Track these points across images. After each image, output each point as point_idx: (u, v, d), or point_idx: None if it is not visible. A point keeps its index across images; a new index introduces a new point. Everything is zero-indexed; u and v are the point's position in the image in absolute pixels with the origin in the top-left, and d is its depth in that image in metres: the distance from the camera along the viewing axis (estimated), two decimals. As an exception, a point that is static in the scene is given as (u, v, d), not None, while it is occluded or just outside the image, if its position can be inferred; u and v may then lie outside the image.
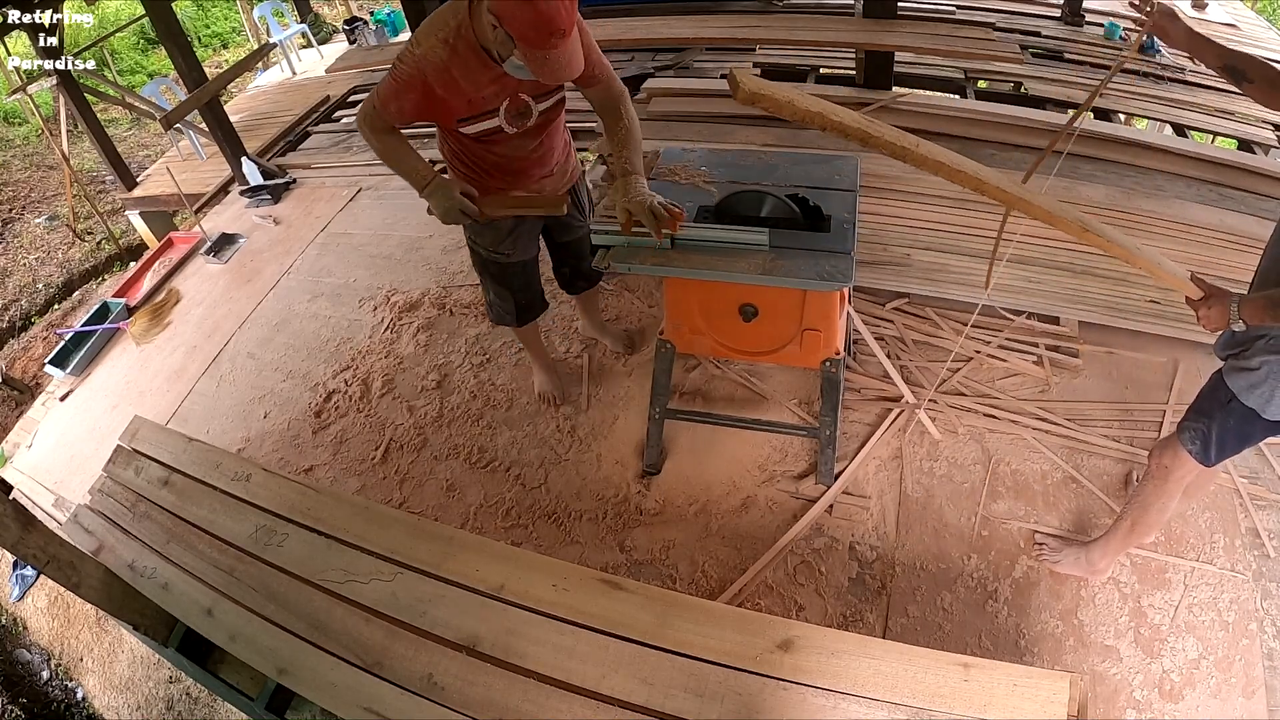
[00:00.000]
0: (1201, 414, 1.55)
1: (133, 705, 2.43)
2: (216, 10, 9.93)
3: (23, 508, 1.80)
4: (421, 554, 1.86)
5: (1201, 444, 1.56)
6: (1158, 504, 1.70)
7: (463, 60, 1.57)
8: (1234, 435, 1.52)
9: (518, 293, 2.24)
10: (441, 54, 1.56)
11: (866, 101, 3.73)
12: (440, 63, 1.56)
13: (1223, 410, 1.49)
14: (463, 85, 1.60)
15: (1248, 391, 1.44)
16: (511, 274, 2.17)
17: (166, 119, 4.09)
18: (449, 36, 1.55)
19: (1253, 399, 1.43)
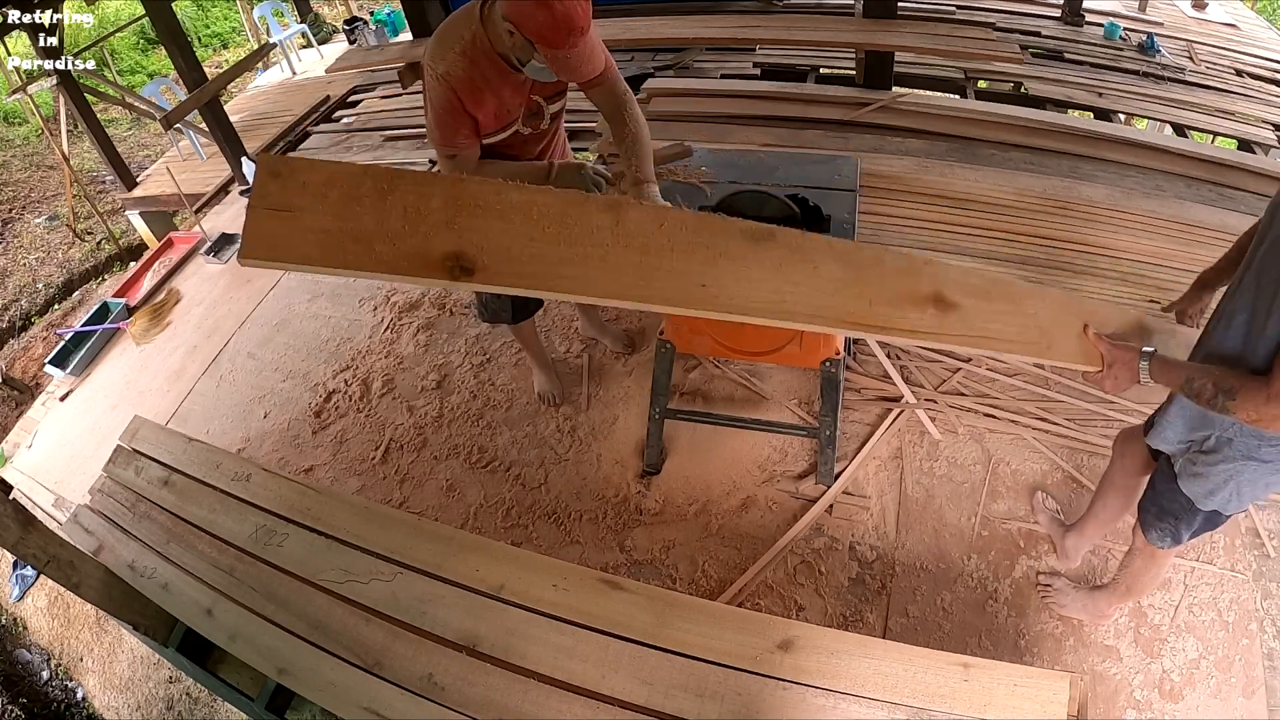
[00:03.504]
0: (1166, 514, 1.47)
1: (133, 705, 2.43)
2: (216, 10, 9.93)
3: (23, 508, 1.80)
4: (421, 554, 1.86)
5: (1173, 539, 1.49)
6: (1149, 573, 1.66)
7: (483, 71, 1.56)
8: (1204, 527, 1.45)
9: None
10: (463, 67, 1.55)
11: (866, 101, 3.73)
12: (465, 76, 1.55)
13: (1188, 513, 1.42)
14: (487, 97, 1.60)
15: (1206, 499, 1.36)
16: None
17: (166, 119, 4.10)
18: (465, 49, 1.54)
19: (1212, 504, 1.36)
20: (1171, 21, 5.05)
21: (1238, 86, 4.26)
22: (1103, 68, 4.38)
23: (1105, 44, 4.68)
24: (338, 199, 0.86)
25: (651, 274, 0.92)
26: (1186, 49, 4.65)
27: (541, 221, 0.95)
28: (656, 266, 0.93)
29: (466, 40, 1.54)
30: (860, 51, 3.89)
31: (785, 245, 1.13)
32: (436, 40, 1.58)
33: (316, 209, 0.83)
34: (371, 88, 5.45)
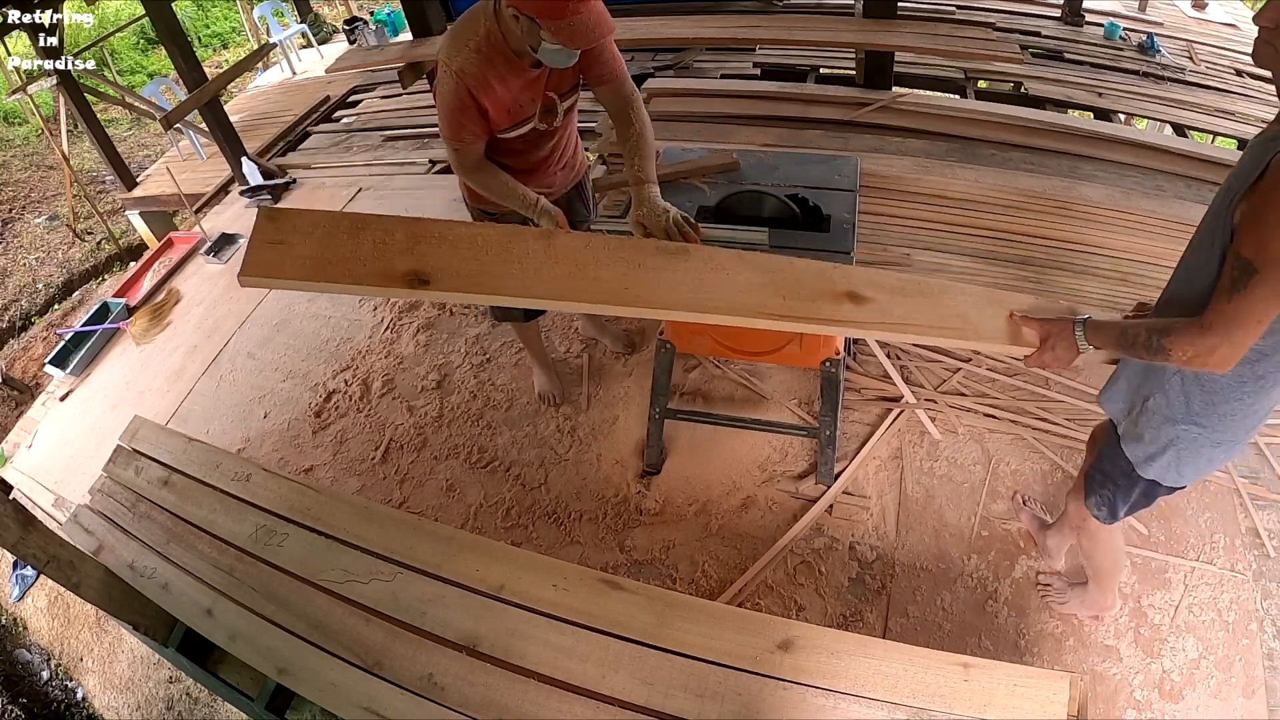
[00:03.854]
0: (1108, 479, 1.48)
1: (133, 705, 2.43)
2: (216, 10, 9.92)
3: (23, 508, 1.80)
4: (421, 554, 1.86)
5: (1109, 510, 1.51)
6: (1099, 552, 1.67)
7: (497, 68, 1.57)
8: (1141, 500, 1.46)
9: None
10: (476, 63, 1.56)
11: (866, 101, 3.73)
12: (478, 72, 1.56)
13: (1127, 479, 1.43)
14: (500, 92, 1.61)
15: (1145, 464, 1.37)
16: None
17: (166, 119, 4.10)
18: (480, 45, 1.56)
19: (1152, 471, 1.37)
20: (1171, 21, 5.05)
21: (1238, 86, 4.26)
22: (1103, 68, 4.38)
23: (1105, 44, 4.68)
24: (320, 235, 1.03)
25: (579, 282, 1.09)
26: (1186, 49, 4.65)
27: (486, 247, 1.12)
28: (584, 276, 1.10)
29: (480, 37, 1.55)
30: (860, 51, 3.89)
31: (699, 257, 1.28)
32: (450, 37, 1.60)
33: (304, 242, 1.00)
34: (371, 88, 5.46)
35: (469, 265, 1.03)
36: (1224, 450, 1.31)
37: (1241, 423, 1.26)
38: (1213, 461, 1.33)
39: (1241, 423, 1.26)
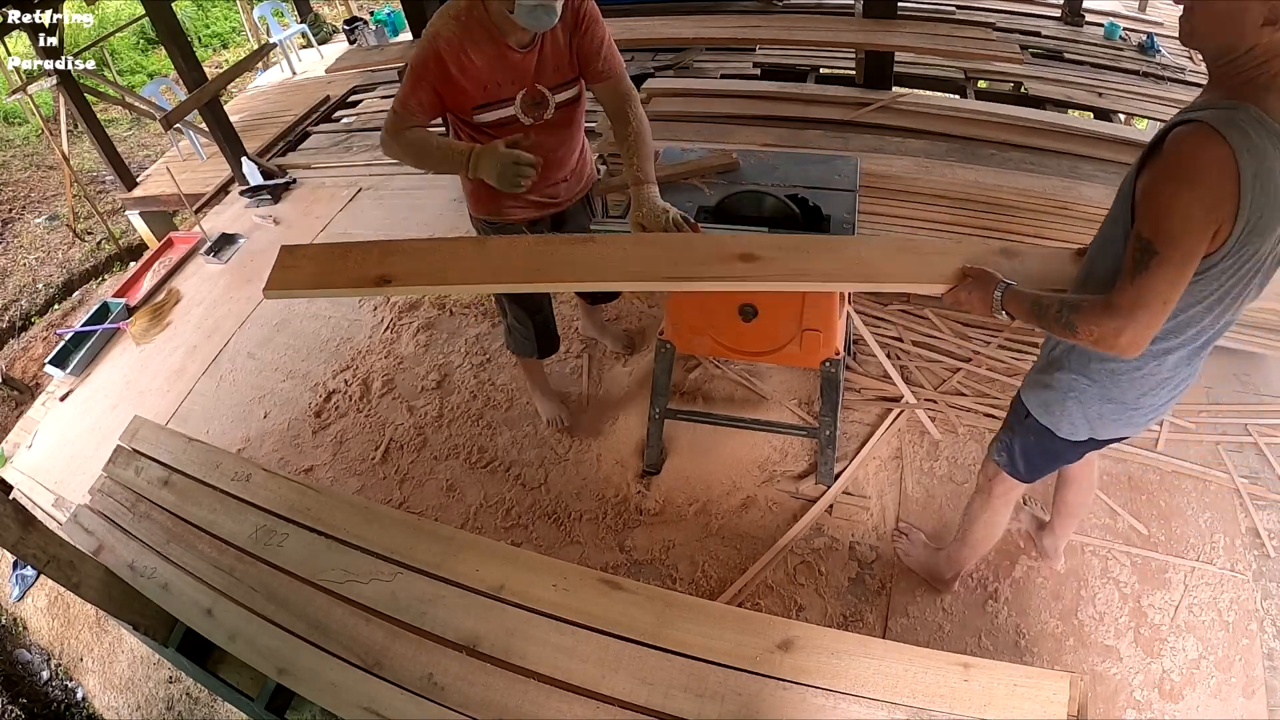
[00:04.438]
0: (1007, 426, 1.50)
1: (133, 705, 2.42)
2: (216, 10, 9.92)
3: (23, 508, 1.80)
4: (421, 554, 1.86)
5: (1008, 457, 1.51)
6: (983, 518, 1.67)
7: (474, 36, 1.56)
8: (1038, 452, 1.46)
9: (535, 314, 2.19)
10: (454, 29, 1.55)
11: (866, 101, 3.73)
12: (454, 38, 1.55)
13: (1021, 425, 1.44)
14: (478, 65, 1.58)
15: (1042, 410, 1.38)
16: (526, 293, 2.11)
17: (166, 119, 4.09)
18: (459, 13, 1.56)
19: (1046, 418, 1.38)
20: (1171, 22, 5.04)
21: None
22: (1103, 68, 4.39)
23: (1105, 44, 4.68)
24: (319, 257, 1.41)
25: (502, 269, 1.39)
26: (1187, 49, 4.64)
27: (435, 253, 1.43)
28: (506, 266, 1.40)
29: (462, 8, 1.56)
30: (860, 51, 3.90)
31: (601, 242, 1.50)
32: (436, 12, 1.61)
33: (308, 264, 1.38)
34: (371, 88, 5.46)
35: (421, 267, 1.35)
36: (1114, 411, 1.30)
37: (1130, 386, 1.26)
38: (1102, 419, 1.32)
39: (1130, 386, 1.26)
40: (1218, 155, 0.97)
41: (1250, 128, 0.97)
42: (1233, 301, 1.13)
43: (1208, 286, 1.10)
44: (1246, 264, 1.06)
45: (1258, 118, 0.98)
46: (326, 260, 1.39)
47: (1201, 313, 1.14)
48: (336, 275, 1.37)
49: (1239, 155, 0.96)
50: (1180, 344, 1.19)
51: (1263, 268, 1.10)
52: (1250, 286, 1.12)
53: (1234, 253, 1.04)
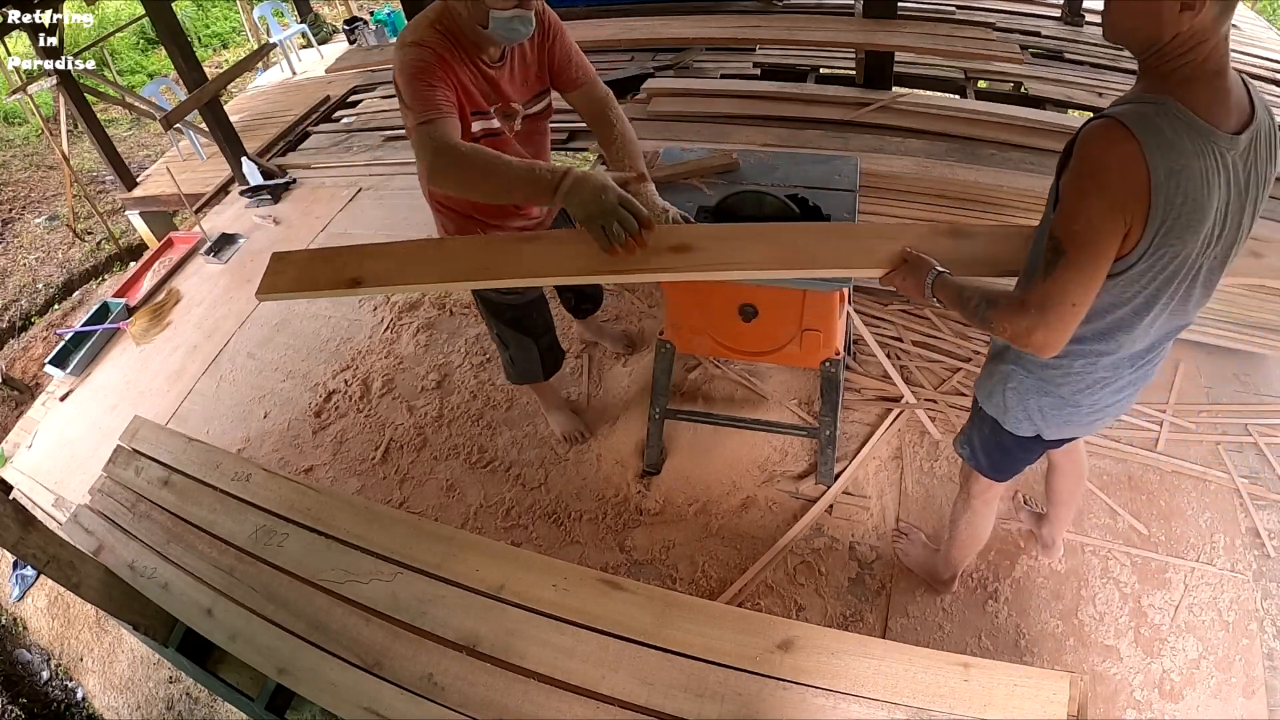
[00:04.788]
0: (969, 417, 1.50)
1: (133, 705, 2.43)
2: (216, 10, 9.92)
3: (23, 508, 1.80)
4: (421, 554, 1.86)
5: (970, 450, 1.51)
6: (964, 519, 1.67)
7: (449, 47, 1.50)
8: (993, 446, 1.45)
9: (540, 336, 2.11)
10: (434, 36, 1.48)
11: (866, 101, 3.73)
12: (438, 41, 1.48)
13: (977, 416, 1.44)
14: (458, 71, 1.51)
15: (986, 399, 1.38)
16: (530, 315, 2.04)
17: (166, 119, 4.09)
18: (435, 22, 1.50)
19: (990, 408, 1.38)
20: (1171, 21, 5.04)
21: (1238, 86, 4.26)
22: (1103, 68, 4.38)
23: (1105, 44, 4.67)
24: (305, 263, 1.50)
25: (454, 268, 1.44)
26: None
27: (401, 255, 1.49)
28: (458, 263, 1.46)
29: (434, 16, 1.50)
30: (860, 51, 3.90)
31: (548, 239, 1.58)
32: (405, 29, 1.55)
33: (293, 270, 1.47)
34: (371, 88, 5.46)
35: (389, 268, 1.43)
36: (1053, 406, 1.29)
37: (1065, 382, 1.25)
38: (1043, 414, 1.31)
39: (1065, 382, 1.25)
40: (1124, 153, 0.94)
41: (1166, 123, 0.94)
42: (1165, 306, 1.09)
43: (1129, 289, 1.07)
44: (1169, 266, 1.03)
45: (1177, 113, 0.95)
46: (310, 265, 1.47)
47: (1129, 316, 1.11)
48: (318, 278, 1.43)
49: (1148, 153, 0.93)
50: (1113, 348, 1.17)
51: (1194, 271, 1.06)
52: (1183, 290, 1.08)
53: (1151, 255, 1.01)
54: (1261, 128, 1.00)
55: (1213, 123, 0.96)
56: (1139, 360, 1.23)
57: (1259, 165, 1.01)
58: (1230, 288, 2.48)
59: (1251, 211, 1.05)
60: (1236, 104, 0.98)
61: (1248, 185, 1.01)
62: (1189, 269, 1.05)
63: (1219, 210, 0.99)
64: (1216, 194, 0.97)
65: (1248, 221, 1.06)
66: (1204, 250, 1.03)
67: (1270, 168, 1.04)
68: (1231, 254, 1.08)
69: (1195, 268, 1.05)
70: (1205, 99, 0.96)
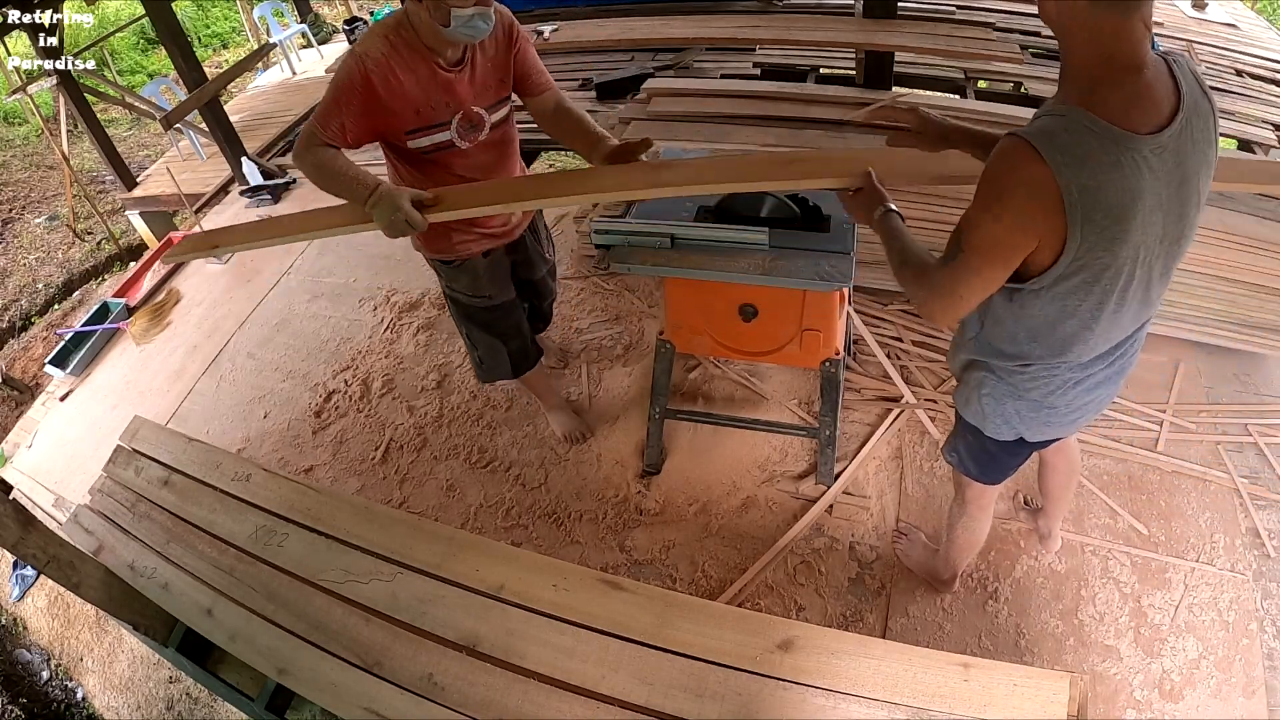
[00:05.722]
0: (954, 427, 1.49)
1: (133, 705, 2.43)
2: (216, 10, 9.92)
3: (23, 508, 1.80)
4: (421, 554, 1.86)
5: (958, 457, 1.51)
6: (960, 523, 1.68)
7: (404, 57, 1.52)
8: (978, 451, 1.44)
9: (510, 339, 2.13)
10: (383, 49, 1.50)
11: (866, 101, 3.73)
12: (382, 58, 1.50)
13: (960, 424, 1.44)
14: (407, 84, 1.54)
15: (964, 406, 1.37)
16: (499, 318, 2.07)
17: (166, 119, 4.10)
18: (388, 33, 1.52)
19: (969, 415, 1.37)
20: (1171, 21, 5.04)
21: (1238, 86, 4.26)
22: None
23: (1105, 44, 4.66)
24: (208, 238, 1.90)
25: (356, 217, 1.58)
26: (1186, 49, 4.65)
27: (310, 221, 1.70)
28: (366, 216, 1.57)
29: (390, 26, 1.53)
30: (860, 51, 3.89)
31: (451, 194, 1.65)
32: (365, 31, 1.60)
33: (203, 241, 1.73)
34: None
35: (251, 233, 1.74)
36: (1029, 409, 1.28)
37: (1033, 385, 1.24)
38: (1021, 417, 1.30)
39: (1033, 385, 1.24)
40: (1032, 175, 0.94)
41: (1075, 138, 0.92)
42: (1117, 311, 1.08)
43: (1068, 301, 1.06)
44: (1103, 276, 1.02)
45: (1087, 124, 0.92)
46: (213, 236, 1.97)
47: (1079, 329, 1.10)
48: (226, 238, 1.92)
49: (1058, 173, 0.92)
50: (1073, 357, 1.17)
51: (1141, 274, 1.04)
52: (1137, 293, 1.07)
53: (1080, 268, 1.00)
54: (1192, 113, 0.97)
55: (1128, 126, 0.93)
56: (1109, 357, 1.22)
57: (1196, 151, 0.99)
58: (1231, 288, 2.48)
59: (1195, 199, 1.03)
60: (1159, 97, 0.95)
61: (1183, 175, 0.99)
62: (1130, 275, 1.03)
63: (1150, 211, 0.97)
64: (1143, 198, 0.95)
65: (1193, 210, 1.04)
66: (1144, 254, 1.02)
67: (1210, 148, 1.01)
68: (1181, 243, 1.07)
69: (1142, 271, 1.04)
70: (1118, 101, 0.93)
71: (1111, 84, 0.93)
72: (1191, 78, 0.99)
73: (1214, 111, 1.01)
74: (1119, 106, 0.93)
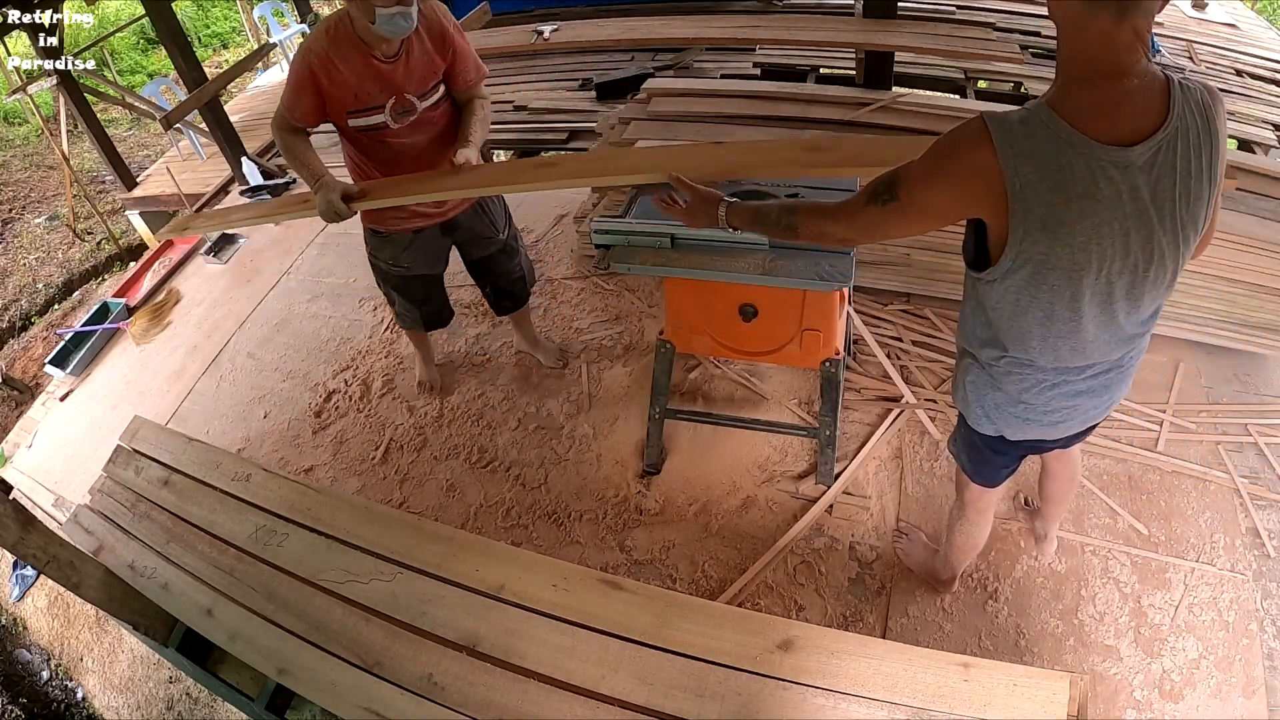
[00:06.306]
0: None
1: (133, 705, 2.43)
2: (216, 10, 9.93)
3: (23, 508, 1.80)
4: (421, 554, 1.86)
5: (955, 448, 1.51)
6: (959, 526, 1.68)
7: (342, 50, 1.74)
8: (968, 445, 1.44)
9: (423, 304, 2.37)
10: (323, 43, 1.74)
11: (866, 101, 3.73)
12: (323, 52, 1.74)
13: (960, 417, 1.42)
14: (345, 73, 1.76)
15: (955, 395, 1.37)
16: (412, 286, 2.29)
17: (166, 119, 4.09)
18: (330, 29, 1.75)
19: (958, 402, 1.37)
20: (1171, 21, 5.04)
21: (1238, 86, 4.26)
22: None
23: (1105, 44, 4.66)
24: None
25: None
26: (1186, 49, 4.64)
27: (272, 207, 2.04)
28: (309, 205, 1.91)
29: (332, 23, 1.76)
30: (860, 51, 3.89)
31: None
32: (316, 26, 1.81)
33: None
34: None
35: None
36: (1005, 403, 1.26)
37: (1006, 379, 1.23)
38: (1000, 411, 1.29)
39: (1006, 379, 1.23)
40: (976, 157, 0.97)
41: (1027, 130, 0.93)
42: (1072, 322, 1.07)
43: (1020, 296, 1.06)
44: (1050, 274, 1.01)
45: (1046, 121, 0.93)
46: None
47: (1033, 325, 1.10)
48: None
49: (1002, 158, 0.94)
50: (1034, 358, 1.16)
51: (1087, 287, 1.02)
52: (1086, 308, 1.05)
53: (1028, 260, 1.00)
54: (1179, 139, 0.93)
55: (1087, 131, 0.92)
56: (1087, 370, 1.19)
57: (1175, 179, 0.95)
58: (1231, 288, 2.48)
59: (1170, 228, 0.98)
60: (1138, 112, 0.93)
61: (1154, 198, 0.95)
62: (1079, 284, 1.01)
63: (1105, 223, 0.95)
64: (1095, 205, 0.94)
65: (1164, 238, 0.99)
66: (1099, 267, 0.99)
67: (1197, 182, 0.96)
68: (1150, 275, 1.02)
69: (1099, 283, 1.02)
70: (1084, 104, 0.92)
71: (1085, 86, 0.93)
72: (1198, 107, 0.95)
73: (1214, 148, 0.96)
74: (1083, 109, 0.92)
